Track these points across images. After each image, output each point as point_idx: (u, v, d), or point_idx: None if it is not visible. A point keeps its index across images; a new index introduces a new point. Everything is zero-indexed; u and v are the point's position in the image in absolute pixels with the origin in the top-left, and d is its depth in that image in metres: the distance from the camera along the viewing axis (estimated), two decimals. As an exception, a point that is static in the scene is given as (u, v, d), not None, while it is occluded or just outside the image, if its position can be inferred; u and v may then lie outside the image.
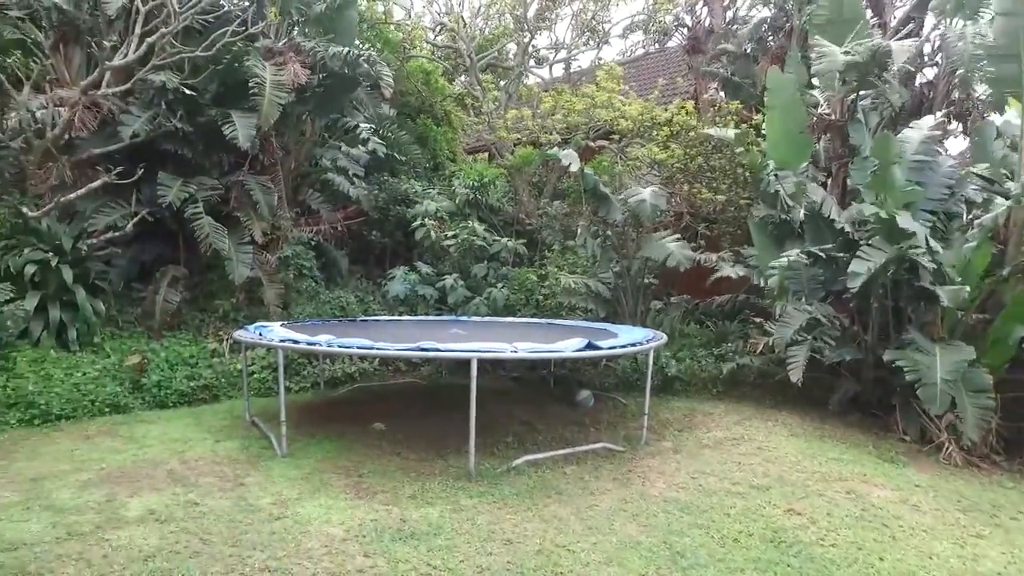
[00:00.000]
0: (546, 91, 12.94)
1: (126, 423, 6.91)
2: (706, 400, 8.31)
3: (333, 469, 5.42)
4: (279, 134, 9.95)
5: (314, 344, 5.81)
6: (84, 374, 7.41)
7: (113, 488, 4.91)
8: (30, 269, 7.72)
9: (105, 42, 8.26)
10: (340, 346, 5.71)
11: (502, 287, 10.26)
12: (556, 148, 9.61)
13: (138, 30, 8.39)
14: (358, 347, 5.65)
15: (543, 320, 9.22)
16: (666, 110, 10.93)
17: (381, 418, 6.91)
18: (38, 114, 8.38)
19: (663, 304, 10.25)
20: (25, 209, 8.02)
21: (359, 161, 11.70)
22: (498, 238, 11.08)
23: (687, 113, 10.61)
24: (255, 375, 8.33)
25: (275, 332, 6.42)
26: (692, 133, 10.47)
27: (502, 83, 15.10)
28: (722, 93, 13.53)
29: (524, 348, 5.52)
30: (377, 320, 9.40)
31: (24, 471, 5.31)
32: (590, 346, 5.71)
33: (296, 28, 10.63)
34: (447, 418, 7.04)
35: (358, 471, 5.37)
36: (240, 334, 6.78)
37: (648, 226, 9.53)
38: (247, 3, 8.80)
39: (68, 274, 7.88)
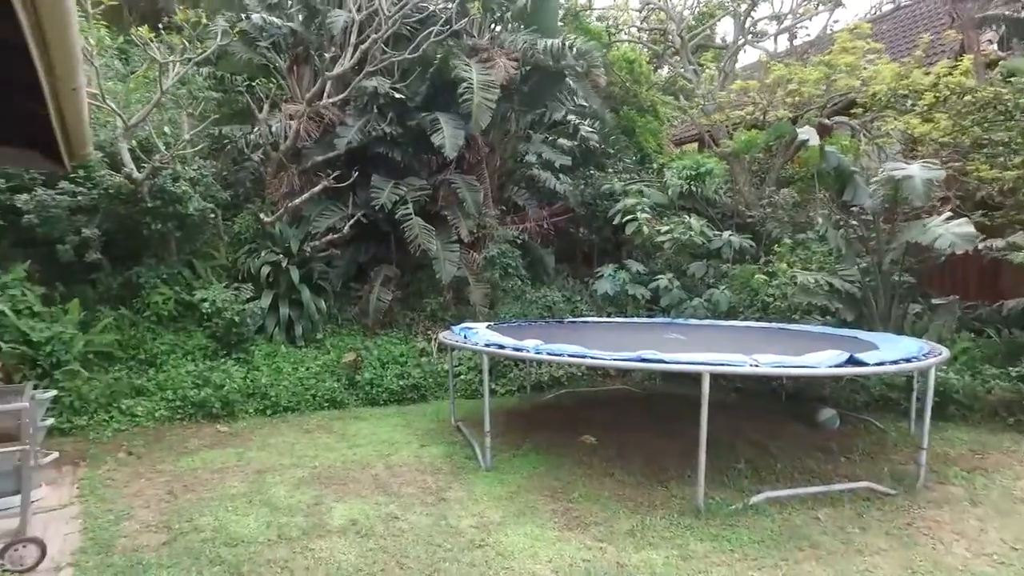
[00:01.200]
0: (771, 63, 11.40)
1: (341, 419, 7.07)
2: (999, 431, 6.47)
3: (540, 489, 4.86)
4: (484, 132, 9.81)
5: (521, 350, 5.32)
6: (307, 369, 7.78)
7: (322, 490, 4.84)
8: (265, 270, 8.33)
9: (325, 55, 8.68)
10: (549, 353, 5.14)
11: (724, 288, 9.10)
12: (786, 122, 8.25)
13: (352, 39, 8.69)
14: (569, 355, 5.01)
15: (772, 325, 7.92)
16: (927, 72, 8.92)
17: (591, 429, 6.26)
18: (273, 129, 9.07)
19: (922, 307, 8.36)
20: (262, 215, 8.69)
21: (566, 154, 11.21)
22: (719, 233, 9.90)
23: (962, 73, 8.52)
24: (461, 376, 8.19)
25: (480, 335, 6.08)
26: (968, 97, 8.37)
27: (716, 65, 13.73)
28: (995, 46, 10.93)
29: (766, 362, 4.48)
30: (586, 322, 8.79)
31: (254, 462, 5.51)
32: (852, 361, 4.51)
33: (499, 23, 10.46)
34: (664, 432, 6.20)
35: (567, 494, 4.75)
36: (445, 336, 6.57)
37: (909, 210, 7.79)
38: (449, 3, 8.71)
39: (295, 274, 8.37)
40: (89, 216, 7.31)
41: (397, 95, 8.85)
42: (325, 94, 8.80)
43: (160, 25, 7.36)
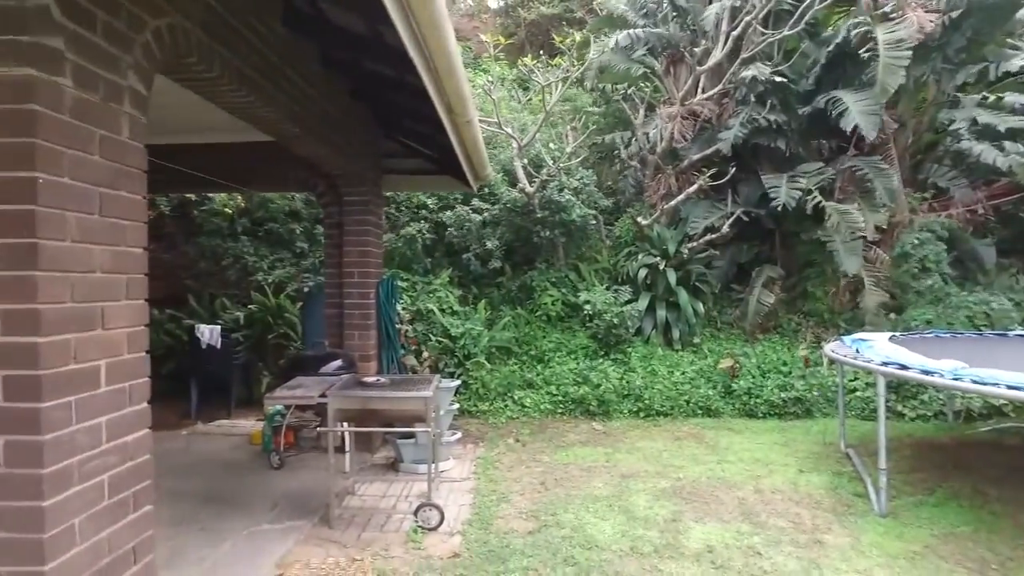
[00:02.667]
0: None
1: (713, 428, 6.69)
2: None
3: (958, 557, 3.73)
4: (889, 104, 8.21)
5: (931, 373, 4.16)
6: (683, 373, 7.60)
7: (682, 505, 4.58)
8: (643, 273, 8.44)
9: (695, 49, 8.37)
10: (975, 381, 3.89)
11: None
12: None
13: (724, 27, 8.18)
14: (1009, 386, 3.70)
15: None
16: None
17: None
18: (650, 133, 9.16)
19: None
20: (640, 218, 8.84)
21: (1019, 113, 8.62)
22: None
23: None
24: (857, 392, 6.99)
25: (877, 348, 5.01)
26: None
27: None
28: None
29: None
30: (1036, 336, 6.58)
31: (620, 465, 5.57)
32: None
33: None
34: None
35: (1002, 569, 3.54)
36: (832, 349, 5.60)
37: None
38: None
39: (672, 276, 8.27)
40: (493, 228, 8.46)
41: (779, 79, 8.02)
42: (699, 90, 8.50)
43: (541, 52, 8.10)
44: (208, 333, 6.93)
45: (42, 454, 1.93)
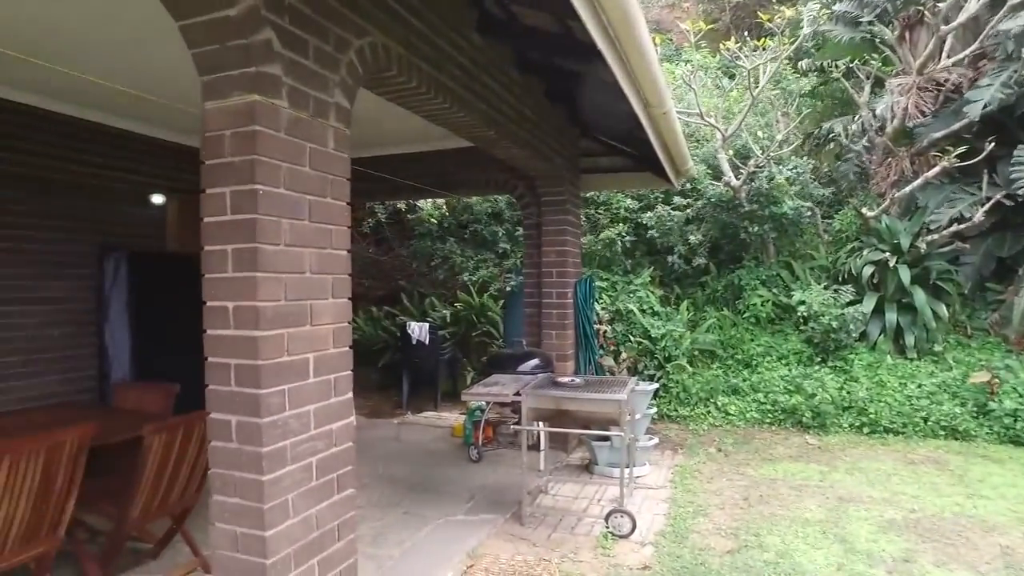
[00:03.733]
0: None
1: (961, 454, 5.68)
2: None
3: None
4: None
5: None
6: (919, 386, 6.57)
7: (918, 544, 3.93)
8: (868, 270, 7.46)
9: (939, 4, 7.14)
10: None
11: None
12: None
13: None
14: None
15: None
16: None
17: None
18: (877, 111, 8.07)
19: None
20: (864, 210, 7.83)
21: None
22: None
23: None
24: None
25: None
26: None
27: None
28: None
29: None
30: None
31: (837, 486, 4.97)
32: None
33: None
34: None
35: None
36: None
37: None
38: None
39: (905, 274, 7.20)
40: (696, 225, 8.05)
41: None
42: (944, 53, 7.27)
43: (746, 32, 7.50)
44: (418, 330, 7.49)
45: (261, 434, 2.17)
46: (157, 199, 6.00)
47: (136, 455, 2.97)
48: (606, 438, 5.18)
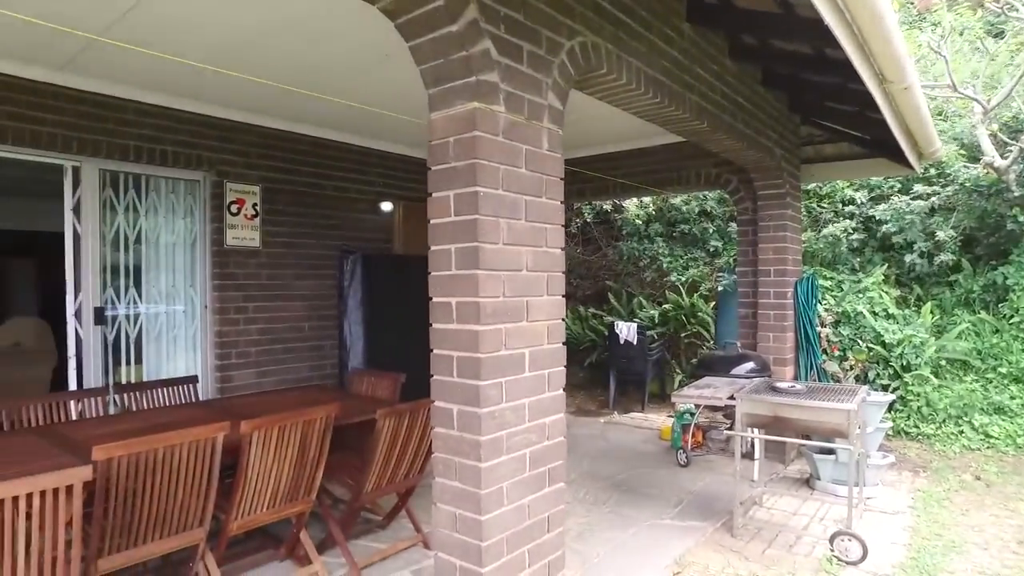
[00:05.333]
0: None
1: None
2: None
3: None
4: None
5: None
6: None
7: None
8: None
9: None
10: None
11: None
12: None
13: None
14: None
15: None
16: None
17: None
18: None
19: None
20: None
21: None
22: None
23: None
24: None
25: None
26: None
27: None
28: None
29: None
30: None
31: None
32: None
33: None
34: None
35: None
36: None
37: None
38: None
39: None
40: (944, 216, 6.98)
41: None
42: None
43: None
44: (625, 330, 7.43)
45: (480, 424, 2.30)
46: (386, 206, 6.65)
47: (369, 436, 3.31)
48: (831, 451, 4.71)
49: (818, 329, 5.90)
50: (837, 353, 6.50)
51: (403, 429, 3.41)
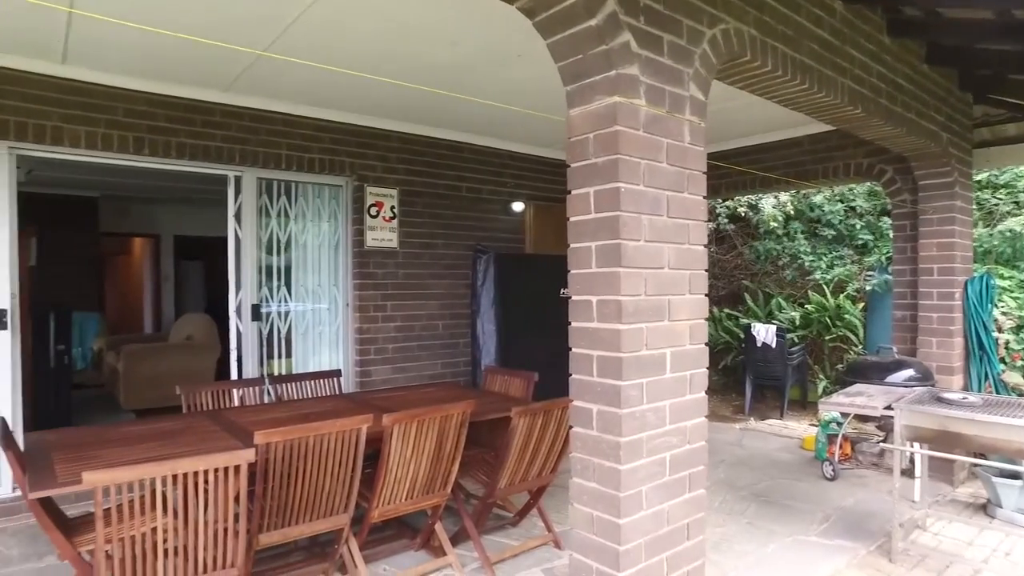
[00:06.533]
0: None
1: None
2: None
3: None
4: None
5: None
6: None
7: None
8: None
9: None
10: None
11: None
12: None
13: None
14: None
15: None
16: None
17: None
18: None
19: None
20: None
21: None
22: None
23: None
24: None
25: None
26: None
27: None
28: None
29: None
30: None
31: None
32: None
33: None
34: None
35: None
36: None
37: None
38: None
39: None
40: None
41: None
42: None
43: None
44: (763, 332, 7.03)
45: (621, 425, 2.24)
46: (517, 207, 6.73)
47: (504, 433, 3.34)
48: (1017, 475, 4.16)
49: (995, 335, 5.26)
50: (1020, 362, 5.76)
51: (537, 427, 3.41)
